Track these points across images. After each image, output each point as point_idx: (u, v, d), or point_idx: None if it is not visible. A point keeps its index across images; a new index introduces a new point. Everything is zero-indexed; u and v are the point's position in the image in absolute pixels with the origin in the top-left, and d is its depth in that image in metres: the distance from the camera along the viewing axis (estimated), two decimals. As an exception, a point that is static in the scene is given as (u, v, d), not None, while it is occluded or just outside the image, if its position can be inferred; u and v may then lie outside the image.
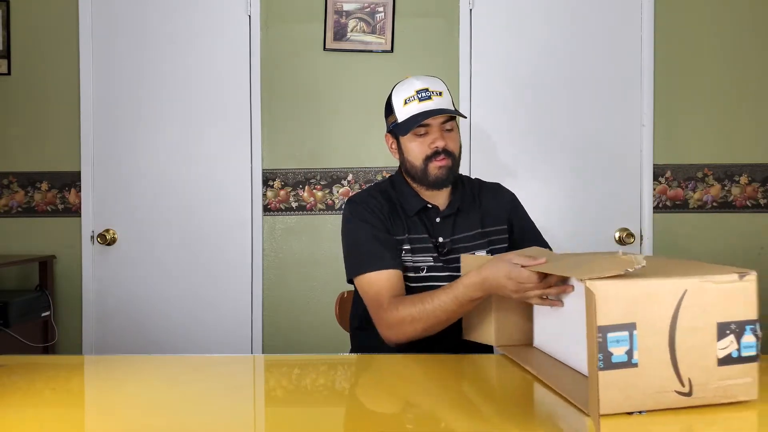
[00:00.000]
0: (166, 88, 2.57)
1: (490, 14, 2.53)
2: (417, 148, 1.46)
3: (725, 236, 2.52)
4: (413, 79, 1.49)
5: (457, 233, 1.50)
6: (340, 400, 1.05)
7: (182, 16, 2.56)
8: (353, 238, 1.47)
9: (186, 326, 2.56)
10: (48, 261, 2.51)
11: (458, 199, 1.53)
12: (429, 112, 1.43)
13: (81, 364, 1.32)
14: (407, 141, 1.48)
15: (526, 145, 2.54)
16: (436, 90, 1.47)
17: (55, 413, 0.95)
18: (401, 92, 1.49)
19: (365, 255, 1.42)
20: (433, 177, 1.45)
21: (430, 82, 1.48)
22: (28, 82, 2.60)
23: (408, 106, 1.46)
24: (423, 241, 1.47)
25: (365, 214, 1.47)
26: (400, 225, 1.48)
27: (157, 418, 0.92)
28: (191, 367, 1.21)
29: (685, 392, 0.86)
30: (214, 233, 2.57)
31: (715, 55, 2.52)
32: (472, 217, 1.53)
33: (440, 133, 1.45)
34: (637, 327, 0.84)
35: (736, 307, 0.88)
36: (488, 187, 1.63)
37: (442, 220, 1.51)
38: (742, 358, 0.88)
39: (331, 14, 2.54)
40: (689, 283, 0.87)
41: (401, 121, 1.47)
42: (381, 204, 1.49)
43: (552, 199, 2.54)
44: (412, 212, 1.50)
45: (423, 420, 0.92)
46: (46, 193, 2.60)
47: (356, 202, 1.51)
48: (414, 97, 1.45)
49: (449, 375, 1.15)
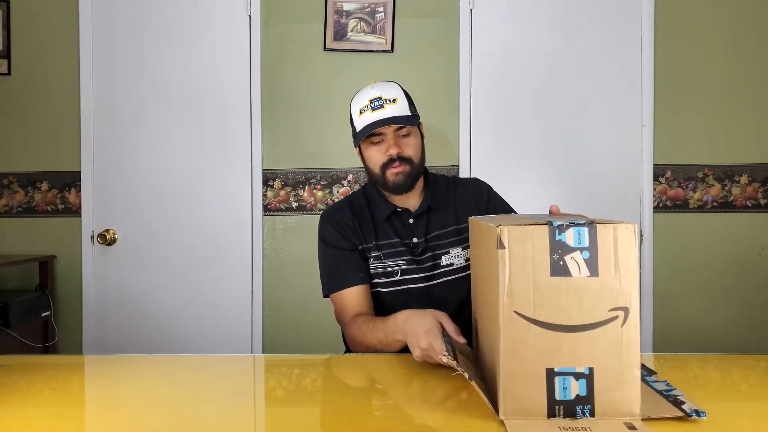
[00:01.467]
0: (166, 88, 2.57)
1: (490, 14, 2.53)
2: (374, 156, 1.49)
3: (725, 236, 2.52)
4: (369, 88, 1.51)
5: (431, 232, 1.52)
6: (341, 400, 1.05)
7: (182, 16, 2.56)
8: (320, 260, 1.54)
9: (186, 326, 2.56)
10: (48, 261, 2.51)
11: (429, 198, 1.54)
12: (378, 121, 1.45)
13: (81, 364, 1.32)
14: (365, 150, 1.51)
15: (526, 144, 2.54)
16: (390, 97, 1.48)
17: (55, 413, 0.95)
18: (357, 102, 1.51)
19: (330, 275, 1.49)
20: (391, 183, 1.48)
21: (385, 89, 1.49)
22: (28, 82, 2.60)
23: (363, 116, 1.48)
24: (395, 246, 1.50)
25: (328, 232, 1.53)
26: (369, 233, 1.51)
27: (157, 418, 0.92)
28: (191, 367, 1.21)
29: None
30: (214, 233, 2.57)
31: (715, 55, 2.52)
32: (445, 214, 1.54)
33: (395, 141, 1.47)
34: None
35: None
36: (463, 183, 1.63)
37: (415, 220, 1.53)
38: None
39: (331, 14, 2.54)
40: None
41: (358, 131, 1.49)
42: (346, 216, 1.53)
43: (552, 199, 2.53)
44: (382, 218, 1.53)
45: (423, 420, 0.92)
46: (46, 193, 2.60)
47: (324, 219, 1.56)
48: (368, 107, 1.47)
49: (449, 374, 1.14)
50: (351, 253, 1.50)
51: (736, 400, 0.97)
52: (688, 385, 1.06)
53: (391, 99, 1.47)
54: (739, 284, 2.50)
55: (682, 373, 1.11)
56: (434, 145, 2.39)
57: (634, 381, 0.84)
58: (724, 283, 2.50)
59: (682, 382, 1.07)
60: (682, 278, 2.52)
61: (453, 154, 2.54)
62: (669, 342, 2.47)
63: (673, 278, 2.52)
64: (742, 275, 2.50)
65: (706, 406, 0.87)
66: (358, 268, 1.48)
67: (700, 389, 1.05)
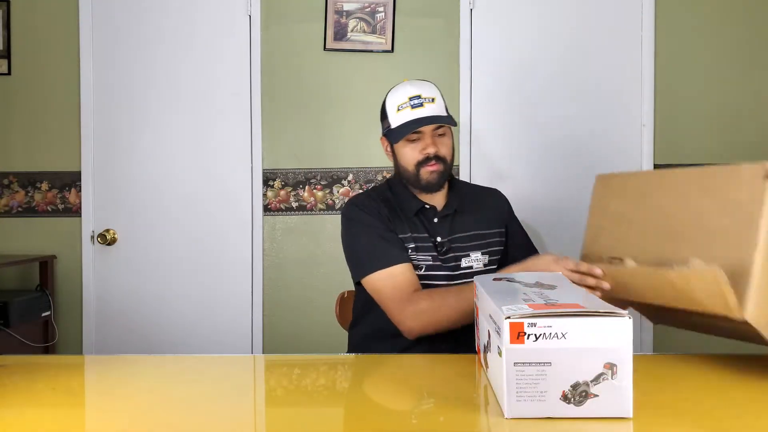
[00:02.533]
0: (166, 88, 2.57)
1: (490, 14, 2.53)
2: (409, 153, 1.49)
3: (725, 236, 2.51)
4: (407, 85, 1.51)
5: (454, 233, 1.53)
6: (341, 400, 1.05)
7: (182, 17, 2.56)
8: (358, 240, 1.49)
9: (186, 326, 2.56)
10: (48, 261, 2.51)
11: (455, 200, 1.55)
12: (420, 120, 1.45)
13: (81, 364, 1.32)
14: (400, 147, 1.50)
15: (526, 144, 2.54)
16: (429, 96, 1.48)
17: (56, 413, 0.95)
18: (394, 98, 1.50)
19: (374, 254, 1.43)
20: (425, 181, 1.48)
21: (423, 88, 1.50)
22: (29, 82, 2.60)
23: (401, 113, 1.47)
24: (424, 240, 1.50)
25: (365, 215, 1.49)
26: (402, 225, 1.50)
27: (157, 418, 0.92)
28: (191, 367, 1.21)
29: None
30: (215, 233, 2.57)
31: (715, 55, 2.52)
32: (469, 218, 1.55)
33: (432, 139, 1.47)
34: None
35: None
36: (487, 192, 1.66)
37: (440, 220, 1.53)
38: None
39: (332, 14, 2.54)
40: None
41: (394, 128, 1.49)
42: (379, 205, 1.51)
43: (552, 198, 2.54)
44: (411, 213, 1.52)
45: (424, 420, 0.92)
46: (46, 193, 2.60)
47: (356, 205, 1.52)
48: (406, 104, 1.47)
49: (450, 374, 1.15)
50: (392, 234, 1.46)
51: (736, 400, 0.97)
52: (688, 384, 1.06)
53: (430, 98, 1.48)
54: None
55: (683, 373, 1.11)
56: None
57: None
58: (724, 283, 2.50)
59: (681, 382, 1.07)
60: (682, 278, 2.51)
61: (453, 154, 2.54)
62: (669, 342, 2.47)
63: (673, 278, 2.51)
64: (742, 275, 2.50)
65: (706, 406, 0.86)
66: (402, 248, 1.45)
67: (700, 389, 1.05)
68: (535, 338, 0.83)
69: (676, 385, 1.06)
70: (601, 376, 0.82)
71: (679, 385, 1.05)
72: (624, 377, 0.82)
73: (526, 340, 0.83)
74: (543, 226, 2.52)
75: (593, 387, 0.82)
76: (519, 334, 0.83)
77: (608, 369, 0.82)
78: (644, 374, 1.14)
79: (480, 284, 1.11)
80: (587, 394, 0.83)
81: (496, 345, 0.90)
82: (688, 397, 0.98)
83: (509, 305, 0.88)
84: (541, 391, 0.83)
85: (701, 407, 0.92)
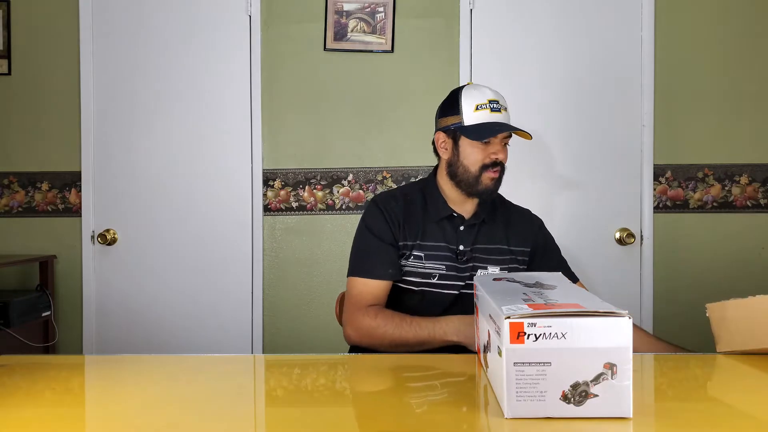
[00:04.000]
0: (166, 88, 2.57)
1: (490, 14, 2.53)
2: (477, 154, 1.49)
3: (725, 236, 2.52)
4: (485, 88, 1.52)
5: (478, 243, 1.53)
6: (341, 400, 1.05)
7: (182, 16, 2.56)
8: (358, 239, 1.54)
9: (186, 326, 2.56)
10: (48, 261, 2.51)
11: (485, 210, 1.56)
12: (506, 125, 1.47)
13: (81, 363, 1.32)
14: (468, 145, 1.50)
15: (526, 144, 2.54)
16: (504, 105, 1.51)
17: (56, 413, 0.95)
18: (473, 97, 1.50)
19: (362, 261, 1.50)
20: (484, 186, 1.49)
21: (499, 96, 1.52)
22: (29, 82, 2.60)
23: (479, 113, 1.48)
24: (439, 249, 1.51)
25: (376, 218, 1.52)
26: (415, 231, 1.51)
27: (158, 418, 0.92)
28: (191, 367, 1.21)
29: None
30: (215, 233, 2.57)
31: (715, 56, 2.52)
32: (495, 230, 1.56)
33: (501, 146, 1.50)
34: None
35: None
36: (518, 210, 1.66)
37: (466, 228, 1.53)
38: None
39: (332, 14, 2.54)
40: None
41: (469, 125, 1.48)
42: (398, 208, 1.52)
43: (552, 199, 2.54)
44: (437, 218, 1.53)
45: (424, 419, 0.92)
46: (46, 193, 2.60)
47: (375, 203, 1.55)
48: (486, 106, 1.48)
49: (450, 374, 1.15)
50: (389, 247, 1.49)
51: (736, 400, 0.97)
52: (687, 384, 1.06)
53: (505, 106, 1.51)
54: (739, 284, 2.50)
55: (683, 373, 1.11)
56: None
57: None
58: (724, 283, 2.50)
59: (681, 382, 1.07)
60: (682, 278, 2.52)
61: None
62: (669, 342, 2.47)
63: (673, 278, 2.52)
64: (742, 275, 2.50)
65: (706, 406, 0.86)
66: (390, 264, 1.49)
67: (700, 389, 1.05)
68: (534, 338, 0.83)
69: (676, 384, 1.06)
70: (601, 376, 0.82)
71: (679, 385, 1.05)
72: (624, 377, 0.82)
73: (525, 340, 0.83)
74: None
75: (593, 387, 0.82)
76: (519, 334, 0.83)
77: (608, 369, 0.82)
78: (644, 374, 1.14)
79: (480, 284, 1.11)
80: (587, 394, 0.83)
81: (496, 345, 0.90)
82: (687, 397, 0.98)
83: (509, 305, 0.88)
84: (541, 391, 0.83)
85: (701, 407, 0.91)
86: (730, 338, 1.21)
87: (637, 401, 0.85)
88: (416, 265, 1.49)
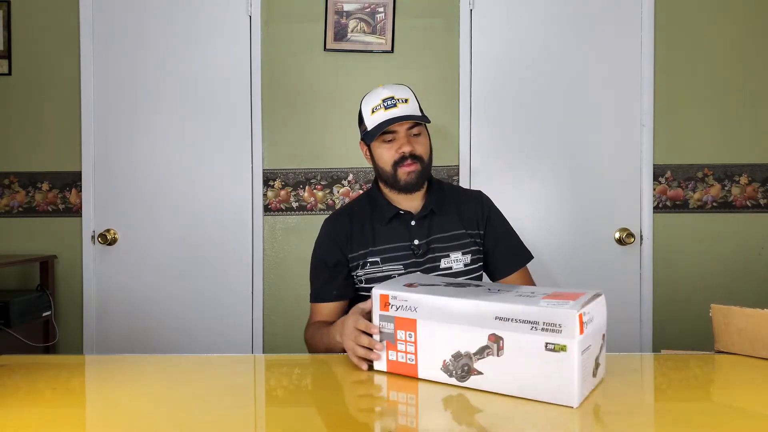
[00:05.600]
0: (166, 88, 2.57)
1: (490, 14, 2.53)
2: (385, 153, 1.52)
3: (725, 236, 2.52)
4: (380, 89, 1.54)
5: (433, 234, 1.54)
6: (341, 400, 1.05)
7: (182, 17, 2.56)
8: (310, 265, 1.63)
9: (186, 326, 2.56)
10: (49, 261, 2.51)
11: (432, 201, 1.57)
12: (394, 119, 1.48)
13: (82, 363, 1.32)
14: (376, 148, 1.54)
15: (526, 145, 2.54)
16: (402, 97, 1.52)
17: (56, 413, 0.96)
18: (369, 102, 1.54)
19: (311, 285, 1.61)
20: (403, 182, 1.51)
21: (397, 90, 1.53)
22: (29, 82, 2.60)
23: (375, 115, 1.51)
24: (394, 250, 1.53)
25: (320, 243, 1.59)
26: (365, 239, 1.54)
27: (158, 418, 0.92)
28: (191, 367, 1.21)
29: None
30: (215, 233, 2.57)
31: (715, 56, 2.52)
32: (447, 219, 1.57)
33: (407, 139, 1.51)
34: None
35: None
36: (468, 193, 1.66)
37: (417, 222, 1.55)
38: None
39: (332, 14, 2.54)
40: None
41: (369, 129, 1.52)
42: (343, 224, 1.57)
43: (552, 199, 2.54)
44: (384, 221, 1.55)
45: (426, 419, 0.93)
46: (46, 193, 2.60)
47: (324, 225, 1.62)
48: (380, 106, 1.51)
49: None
50: (334, 269, 1.55)
51: (736, 400, 0.97)
52: (687, 384, 1.06)
53: (403, 99, 1.51)
54: (739, 284, 2.50)
55: (683, 373, 1.11)
56: (434, 146, 2.38)
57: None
58: (724, 283, 2.50)
59: (681, 382, 1.07)
60: (682, 278, 2.52)
61: (453, 155, 2.54)
62: (669, 342, 2.48)
63: (673, 278, 2.52)
64: (742, 275, 2.50)
65: (705, 405, 0.87)
66: (334, 287, 1.55)
67: (700, 389, 1.06)
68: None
69: (676, 384, 1.06)
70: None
71: (679, 385, 1.05)
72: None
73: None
74: (542, 225, 2.52)
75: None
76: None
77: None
78: (644, 374, 1.15)
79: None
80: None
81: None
82: (687, 397, 0.98)
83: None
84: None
85: (701, 407, 0.92)
86: (730, 344, 1.22)
87: (637, 401, 0.85)
88: (374, 271, 1.52)
